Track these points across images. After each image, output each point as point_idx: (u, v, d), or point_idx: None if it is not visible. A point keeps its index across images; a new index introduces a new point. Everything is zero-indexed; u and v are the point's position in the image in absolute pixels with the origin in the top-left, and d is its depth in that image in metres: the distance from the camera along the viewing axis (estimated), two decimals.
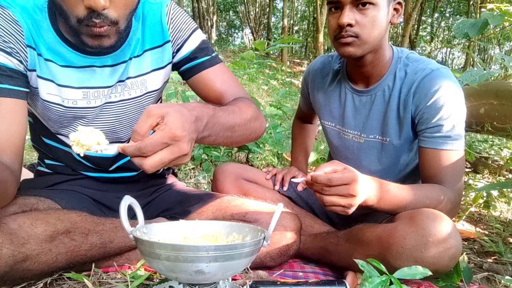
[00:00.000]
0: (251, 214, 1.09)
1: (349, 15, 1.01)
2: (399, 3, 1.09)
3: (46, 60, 0.95)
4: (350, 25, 1.02)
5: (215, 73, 1.10)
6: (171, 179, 1.33)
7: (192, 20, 1.11)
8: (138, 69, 1.05)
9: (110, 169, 1.14)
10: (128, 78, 1.03)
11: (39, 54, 0.94)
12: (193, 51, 1.08)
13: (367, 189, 0.91)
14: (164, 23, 1.05)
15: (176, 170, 1.45)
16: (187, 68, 1.10)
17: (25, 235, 0.82)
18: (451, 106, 1.04)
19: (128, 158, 1.12)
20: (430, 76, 1.06)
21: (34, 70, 0.94)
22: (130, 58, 1.03)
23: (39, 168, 1.18)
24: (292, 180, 1.13)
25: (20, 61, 0.91)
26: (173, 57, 1.10)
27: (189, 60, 1.09)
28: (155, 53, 1.06)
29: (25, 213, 0.87)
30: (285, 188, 1.36)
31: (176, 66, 1.12)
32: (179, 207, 1.16)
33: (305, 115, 1.55)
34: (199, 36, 1.10)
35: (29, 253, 0.82)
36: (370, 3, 1.01)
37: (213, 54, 1.12)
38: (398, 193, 0.98)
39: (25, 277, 0.85)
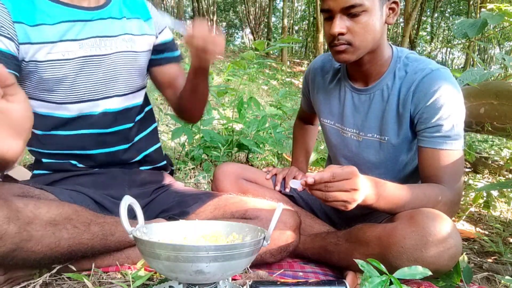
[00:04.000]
0: (251, 211, 1.10)
1: (339, 24, 1.01)
2: (394, 2, 1.07)
3: (38, 25, 1.02)
4: (341, 33, 1.02)
5: (180, 68, 1.30)
6: (169, 179, 1.33)
7: None
8: (128, 30, 1.16)
9: (109, 130, 1.15)
10: (121, 35, 1.14)
11: (30, 25, 1.01)
12: (171, 41, 1.25)
13: (366, 186, 0.91)
14: (145, 4, 1.22)
15: (175, 171, 1.46)
16: (162, 57, 1.25)
17: (30, 215, 0.83)
18: (450, 106, 1.04)
19: (124, 126, 1.18)
20: (430, 76, 1.06)
21: (28, 43, 1.00)
22: (118, 19, 1.15)
23: (35, 172, 1.17)
24: (291, 185, 1.10)
25: (10, 39, 0.97)
26: (156, 37, 1.23)
27: (166, 48, 1.25)
28: (141, 22, 1.20)
29: (28, 197, 0.89)
30: (287, 190, 1.37)
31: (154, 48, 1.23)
32: (177, 208, 1.16)
33: (306, 116, 1.55)
34: (169, 31, 1.27)
35: (34, 233, 0.83)
36: (361, 11, 1.00)
37: (179, 52, 1.30)
38: (396, 192, 0.98)
39: (28, 260, 0.85)
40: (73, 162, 1.14)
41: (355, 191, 0.88)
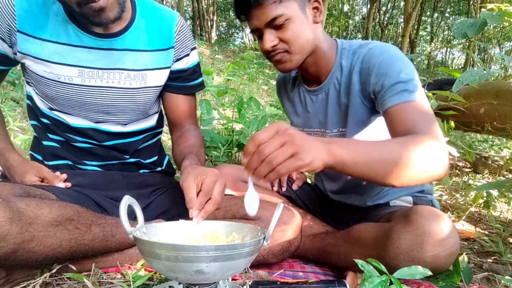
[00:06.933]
0: None
1: (269, 39, 1.05)
2: (316, 1, 1.08)
3: (42, 40, 1.01)
4: (274, 46, 1.05)
5: (191, 100, 1.25)
6: (168, 180, 1.32)
7: (193, 37, 1.22)
8: (141, 64, 1.11)
9: (106, 143, 1.16)
10: (131, 69, 1.10)
11: (34, 37, 1.01)
12: (186, 70, 1.20)
13: (303, 136, 0.76)
14: (173, 31, 1.15)
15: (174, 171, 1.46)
16: (171, 84, 1.20)
17: (32, 215, 0.83)
18: (397, 63, 1.02)
19: (122, 140, 1.18)
20: (371, 50, 1.07)
21: (28, 55, 1.02)
22: (133, 50, 1.10)
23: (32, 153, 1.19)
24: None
25: (3, 40, 1.01)
26: (171, 65, 1.18)
27: (179, 77, 1.19)
28: (158, 55, 1.14)
29: (30, 197, 0.89)
30: (283, 189, 1.37)
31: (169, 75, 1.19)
32: (177, 209, 1.15)
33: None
34: (195, 56, 1.22)
35: (36, 234, 0.83)
36: (284, 20, 1.02)
37: (200, 79, 1.24)
38: (365, 143, 0.87)
39: (29, 260, 0.84)
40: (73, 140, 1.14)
41: (290, 141, 0.73)
